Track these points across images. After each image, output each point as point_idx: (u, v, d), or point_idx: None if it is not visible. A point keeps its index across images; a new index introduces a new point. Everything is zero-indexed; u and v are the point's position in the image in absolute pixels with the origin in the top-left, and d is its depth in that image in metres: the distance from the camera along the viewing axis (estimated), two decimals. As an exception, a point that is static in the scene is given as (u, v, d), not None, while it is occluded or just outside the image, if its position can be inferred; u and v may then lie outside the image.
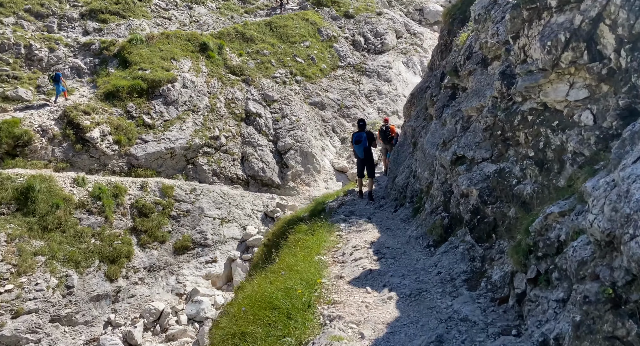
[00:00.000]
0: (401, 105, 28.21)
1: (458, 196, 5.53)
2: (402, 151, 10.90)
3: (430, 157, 7.03)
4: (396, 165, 10.87)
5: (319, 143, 25.36)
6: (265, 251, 9.68)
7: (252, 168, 23.67)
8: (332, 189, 24.43)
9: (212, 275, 20.14)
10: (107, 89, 22.70)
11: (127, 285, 18.31)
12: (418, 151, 8.35)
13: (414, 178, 8.18)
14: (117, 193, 20.06)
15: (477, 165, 5.41)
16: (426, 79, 12.33)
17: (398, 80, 29.30)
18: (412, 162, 8.96)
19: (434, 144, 6.96)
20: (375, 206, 9.76)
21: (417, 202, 7.33)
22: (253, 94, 26.03)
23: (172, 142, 22.71)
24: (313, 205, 12.53)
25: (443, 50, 12.40)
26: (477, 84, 6.15)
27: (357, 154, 10.99)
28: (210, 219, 21.30)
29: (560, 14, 3.92)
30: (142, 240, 19.58)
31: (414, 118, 10.47)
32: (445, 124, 6.76)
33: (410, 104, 12.15)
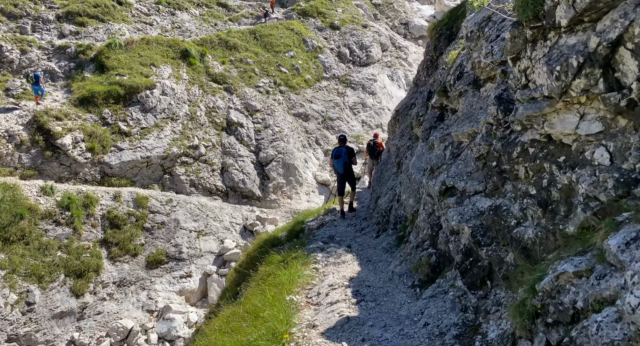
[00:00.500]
0: (385, 118, 27.80)
1: (447, 231, 4.90)
2: (386, 170, 10.30)
3: (415, 183, 6.43)
4: (379, 184, 10.26)
5: (302, 155, 24.69)
6: (236, 278, 8.92)
7: (232, 179, 22.84)
8: (314, 202, 23.75)
9: (186, 291, 19.15)
10: (81, 94, 21.66)
11: (94, 301, 17.20)
12: (403, 173, 7.74)
13: (397, 203, 7.57)
14: (87, 203, 18.99)
15: (468, 198, 4.80)
16: (411, 95, 11.80)
17: (383, 93, 28.92)
18: (396, 184, 8.36)
19: (420, 169, 6.35)
20: (357, 228, 9.11)
21: (401, 230, 6.71)
22: (235, 103, 25.28)
23: (149, 150, 21.75)
24: (292, 224, 11.80)
25: (429, 67, 11.90)
26: (468, 107, 5.57)
27: (336, 170, 10.62)
28: (187, 231, 20.36)
29: (570, 35, 3.37)
30: (112, 253, 18.52)
31: (399, 136, 9.90)
32: (433, 148, 6.16)
33: (394, 121, 11.59)
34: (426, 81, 11.90)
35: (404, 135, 9.55)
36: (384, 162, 11.35)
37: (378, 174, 11.12)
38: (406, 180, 7.00)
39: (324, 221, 9.99)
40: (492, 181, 4.60)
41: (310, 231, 9.47)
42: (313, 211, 13.27)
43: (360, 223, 9.44)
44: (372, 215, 9.38)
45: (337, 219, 10.20)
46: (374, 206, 9.36)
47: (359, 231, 8.64)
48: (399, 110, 11.48)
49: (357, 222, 9.58)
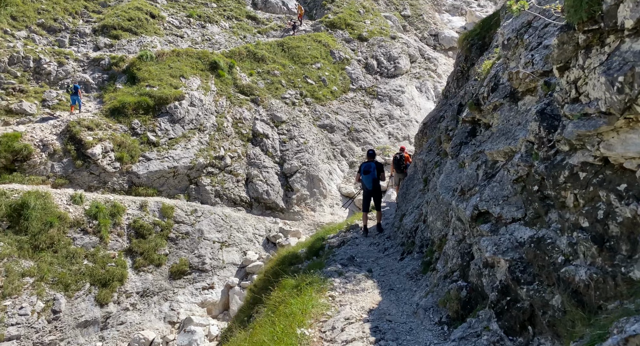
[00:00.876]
0: (413, 130, 27.03)
1: (480, 263, 4.28)
2: (412, 186, 9.67)
3: (444, 205, 5.83)
4: (405, 201, 9.63)
5: (327, 167, 24.23)
6: (251, 299, 8.47)
7: (256, 190, 22.59)
8: (338, 214, 23.18)
9: (208, 303, 18.87)
10: (113, 105, 21.99)
11: (117, 311, 17.13)
12: (430, 192, 7.12)
13: (424, 223, 6.95)
14: (114, 212, 19.09)
15: (505, 226, 4.17)
16: (440, 108, 11.16)
17: (410, 105, 28.21)
18: (422, 203, 7.74)
19: (449, 189, 5.75)
20: (380, 248, 8.50)
21: (428, 255, 6.10)
22: (261, 115, 25.15)
23: (176, 161, 21.80)
24: (312, 240, 11.30)
25: (459, 78, 11.26)
26: (504, 122, 4.95)
27: (364, 186, 10.21)
28: (210, 242, 20.16)
29: (637, 39, 2.76)
30: (137, 263, 18.49)
31: (426, 151, 9.27)
32: (464, 166, 5.55)
33: (422, 134, 10.96)
34: (456, 93, 11.27)
35: (431, 150, 8.92)
36: (410, 177, 10.72)
37: (403, 190, 10.50)
38: (433, 200, 6.39)
39: (345, 239, 9.43)
40: (532, 207, 3.97)
41: (330, 249, 8.93)
42: (335, 226, 12.73)
43: (383, 241, 8.84)
44: (396, 234, 8.76)
45: (359, 237, 9.62)
46: (398, 225, 8.75)
47: (382, 251, 8.04)
48: (426, 123, 10.86)
49: (381, 241, 8.97)
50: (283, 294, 5.42)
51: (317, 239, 10.44)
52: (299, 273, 6.74)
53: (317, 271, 6.41)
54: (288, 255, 9.90)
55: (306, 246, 10.57)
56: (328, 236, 10.59)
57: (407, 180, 10.83)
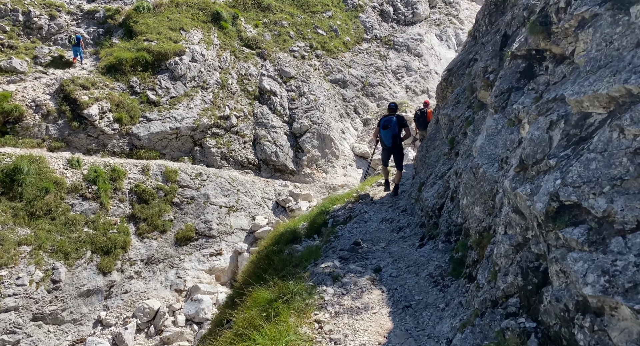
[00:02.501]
0: (433, 83, 24.30)
1: (569, 301, 2.34)
2: (433, 148, 7.63)
3: (486, 183, 3.87)
4: (424, 166, 7.62)
5: (339, 125, 22.04)
6: (233, 295, 6.78)
7: (264, 152, 20.73)
8: (352, 176, 21.27)
9: (216, 269, 17.64)
10: (109, 62, 19.98)
11: (121, 279, 16.03)
12: (460, 159, 5.10)
13: (451, 202, 5.01)
14: (115, 177, 17.61)
15: (623, 236, 2.16)
16: (469, 50, 8.81)
17: (430, 55, 25.24)
18: (448, 172, 5.76)
19: (493, 159, 3.76)
20: (393, 226, 6.62)
21: (460, 249, 4.23)
22: (268, 70, 22.78)
23: (178, 121, 19.94)
24: (316, 212, 9.52)
25: (492, 12, 8.76)
26: (602, 47, 2.79)
27: (383, 141, 8.99)
28: (217, 207, 18.65)
29: None
30: (140, 229, 17.20)
31: (452, 104, 7.10)
32: (519, 124, 3.48)
33: (446, 84, 8.69)
34: (488, 30, 8.82)
35: (459, 102, 6.79)
36: (431, 137, 8.63)
37: (422, 152, 8.47)
38: (468, 174, 4.38)
39: (352, 213, 7.61)
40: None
41: (334, 226, 7.15)
42: (343, 195, 10.89)
43: (398, 216, 6.95)
44: (413, 208, 6.86)
45: (369, 210, 7.75)
46: (416, 196, 6.83)
47: (395, 230, 6.18)
48: (452, 69, 8.56)
49: (395, 216, 7.09)
50: (251, 316, 3.67)
51: (320, 213, 8.64)
52: (292, 262, 4.91)
53: (309, 266, 4.61)
54: (286, 232, 8.21)
55: (308, 219, 8.83)
56: (334, 208, 8.78)
57: (428, 140, 8.76)
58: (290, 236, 7.43)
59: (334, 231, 6.64)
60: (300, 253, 5.74)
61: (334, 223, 7.48)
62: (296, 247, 6.87)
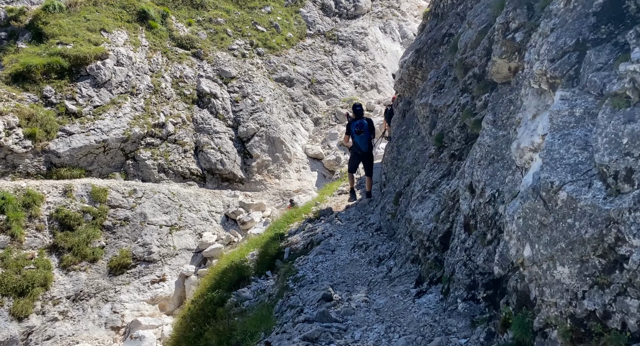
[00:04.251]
0: (381, 77, 23.03)
1: None
2: (407, 147, 6.00)
3: (582, 220, 2.04)
4: (397, 171, 5.96)
5: (289, 126, 20.14)
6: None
7: (208, 160, 18.39)
8: (307, 179, 19.43)
9: (160, 298, 15.14)
10: (15, 69, 16.80)
11: (42, 324, 13.18)
12: (478, 167, 3.32)
13: (467, 233, 3.25)
14: (29, 202, 14.63)
15: None
16: (435, 27, 7.23)
17: (375, 48, 23.98)
18: (442, 182, 4.08)
19: (584, 173, 2.04)
20: (372, 256, 4.83)
21: (516, 330, 2.43)
22: (206, 71, 20.43)
23: (105, 133, 17.15)
24: (267, 237, 7.59)
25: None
26: None
27: (358, 147, 7.88)
28: (156, 227, 16.11)
29: None
30: (65, 261, 14.37)
31: (433, 91, 5.40)
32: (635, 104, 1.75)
33: (415, 67, 7.06)
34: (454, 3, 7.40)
35: (442, 87, 5.13)
36: (402, 135, 6.98)
37: (393, 153, 6.84)
38: (529, 200, 2.48)
39: (314, 236, 5.76)
40: None
41: (292, 257, 5.27)
42: (299, 210, 9.05)
43: (373, 238, 5.21)
44: (391, 226, 5.09)
45: (335, 232, 5.97)
46: (392, 210, 5.09)
47: (374, 263, 4.45)
48: (420, 50, 6.95)
49: (368, 237, 5.35)
50: None
51: (273, 239, 6.74)
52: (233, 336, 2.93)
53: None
54: (230, 268, 6.23)
55: (259, 245, 6.91)
56: (290, 229, 6.92)
57: (398, 139, 7.12)
58: (234, 275, 5.53)
59: (292, 269, 4.80)
60: (245, 320, 3.88)
61: (291, 254, 5.63)
62: (243, 293, 4.97)
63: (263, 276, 5.46)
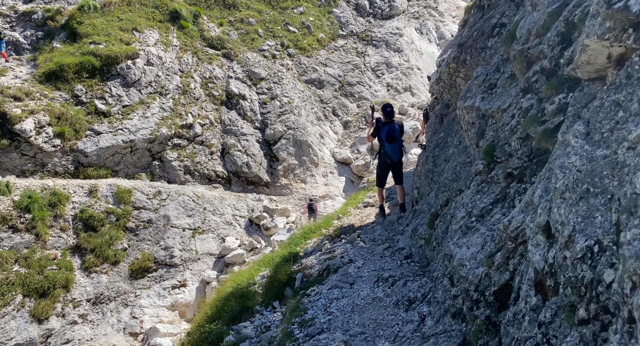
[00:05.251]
0: (415, 79, 21.61)
1: None
2: (445, 158, 4.85)
3: None
4: (432, 185, 4.83)
5: (317, 129, 19.10)
6: None
7: (234, 163, 17.63)
8: (334, 185, 18.33)
9: (180, 304, 14.48)
10: (48, 68, 16.63)
11: (62, 326, 12.75)
12: (548, 198, 2.20)
13: (538, 296, 2.09)
14: (55, 202, 14.30)
15: None
16: (482, 19, 5.98)
17: (410, 50, 22.56)
18: (494, 209, 2.94)
19: None
20: (399, 295, 3.72)
21: None
22: (236, 72, 19.71)
23: (133, 133, 16.70)
24: (281, 256, 6.55)
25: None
26: None
27: (388, 156, 6.65)
28: (179, 230, 15.48)
29: None
30: (87, 262, 13.94)
31: (481, 91, 4.24)
32: None
33: (456, 65, 5.86)
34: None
35: (494, 87, 3.94)
36: (438, 143, 5.77)
37: (428, 165, 5.65)
38: None
39: (331, 261, 4.72)
40: None
41: (303, 285, 4.27)
42: (319, 224, 7.97)
43: (401, 269, 4.11)
44: (424, 254, 3.94)
45: (356, 256, 4.91)
46: (426, 234, 3.95)
47: (402, 307, 3.37)
48: (464, 44, 5.71)
49: (395, 266, 4.25)
50: None
51: (286, 261, 5.72)
52: None
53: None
54: (234, 294, 5.30)
55: (270, 265, 5.90)
56: (306, 247, 5.89)
57: (434, 148, 5.91)
58: (237, 305, 4.62)
59: (301, 306, 3.79)
60: (262, 318, 2.99)
61: (303, 281, 4.66)
62: (244, 330, 4.01)
63: (270, 308, 4.52)
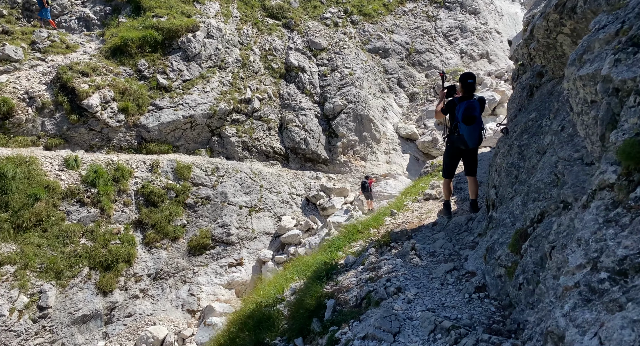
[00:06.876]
0: (494, 44, 17.81)
1: None
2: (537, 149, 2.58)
3: None
4: (515, 188, 2.53)
5: (379, 103, 16.42)
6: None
7: (292, 139, 15.71)
8: (396, 163, 15.78)
9: (236, 283, 13.29)
10: (113, 44, 15.60)
11: (124, 300, 12.09)
12: None
13: None
14: (118, 177, 13.51)
15: None
16: None
17: (489, 11, 18.56)
18: None
19: None
20: None
21: None
22: (296, 42, 17.40)
23: (193, 108, 15.34)
24: (317, 262, 4.57)
25: None
26: None
27: (462, 142, 4.60)
28: (236, 208, 14.11)
29: None
30: (148, 238, 13.11)
31: (608, 51, 1.76)
32: None
33: (560, 16, 3.23)
34: None
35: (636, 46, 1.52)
36: (527, 128, 3.22)
37: (511, 157, 3.25)
38: None
39: (375, 282, 2.73)
40: None
41: (335, 318, 2.34)
42: (366, 221, 5.80)
43: (470, 311, 1.94)
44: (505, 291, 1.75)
45: (407, 281, 2.92)
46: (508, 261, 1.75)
47: None
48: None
49: (461, 304, 2.25)
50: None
51: (318, 277, 3.71)
52: None
53: None
54: (256, 313, 3.53)
55: (306, 274, 3.98)
56: (347, 257, 3.89)
57: (521, 133, 3.39)
58: (251, 338, 2.85)
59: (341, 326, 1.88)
60: None
61: (336, 311, 2.78)
62: None
63: (291, 344, 2.74)
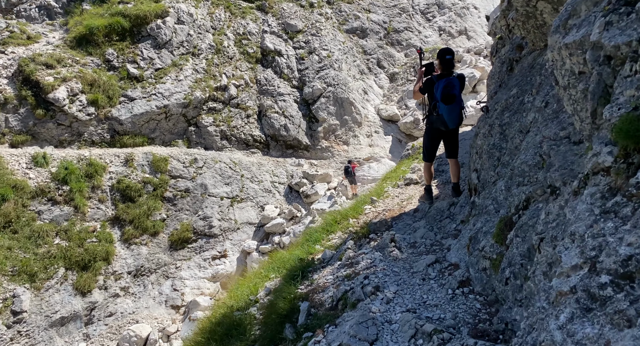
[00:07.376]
0: (471, 21, 17.17)
1: None
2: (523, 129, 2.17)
3: None
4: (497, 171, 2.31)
5: (359, 84, 15.73)
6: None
7: (271, 126, 14.98)
8: (379, 145, 15.23)
9: (221, 275, 12.76)
10: (78, 33, 14.51)
11: (104, 299, 11.48)
12: None
13: None
14: (91, 172, 12.69)
15: None
16: None
17: (467, -13, 17.84)
18: None
19: None
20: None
21: None
22: (271, 25, 16.46)
23: (166, 98, 14.45)
24: (293, 259, 4.06)
25: None
26: None
27: (441, 122, 4.21)
28: (217, 199, 13.45)
29: None
30: (126, 234, 12.43)
31: (597, 15, 1.31)
32: None
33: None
34: None
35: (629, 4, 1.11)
36: (509, 105, 2.73)
37: (492, 138, 2.75)
38: None
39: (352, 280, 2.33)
40: None
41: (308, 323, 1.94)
42: (345, 211, 5.30)
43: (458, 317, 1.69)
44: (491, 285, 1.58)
45: (388, 278, 2.58)
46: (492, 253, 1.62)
47: None
48: None
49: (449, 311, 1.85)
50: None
51: (293, 276, 3.23)
52: None
53: None
54: (226, 319, 3.02)
55: (283, 272, 3.42)
56: (324, 253, 3.40)
57: (501, 111, 2.86)
58: (233, 327, 2.39)
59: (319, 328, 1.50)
60: None
61: (310, 314, 2.34)
62: None
63: None
